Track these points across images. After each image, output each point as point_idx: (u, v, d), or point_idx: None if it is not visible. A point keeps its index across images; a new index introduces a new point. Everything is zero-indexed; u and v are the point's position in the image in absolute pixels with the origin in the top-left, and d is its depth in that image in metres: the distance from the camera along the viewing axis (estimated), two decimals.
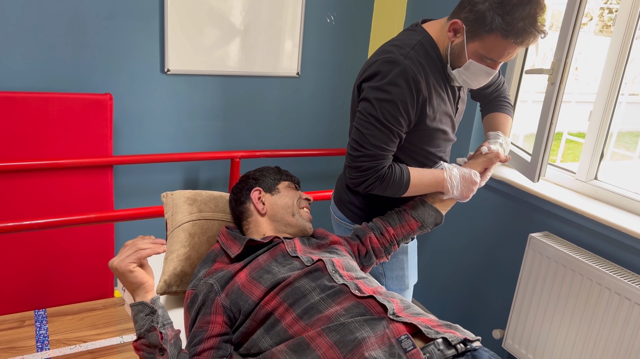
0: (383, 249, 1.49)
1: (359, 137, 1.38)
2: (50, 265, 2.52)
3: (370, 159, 1.38)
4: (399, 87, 1.32)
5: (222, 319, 1.23)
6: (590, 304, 1.82)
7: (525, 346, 2.08)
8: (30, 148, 2.34)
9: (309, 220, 1.48)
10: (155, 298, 1.17)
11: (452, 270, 2.62)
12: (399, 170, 1.42)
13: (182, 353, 1.18)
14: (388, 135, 1.36)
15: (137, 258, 1.15)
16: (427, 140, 1.47)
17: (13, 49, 2.28)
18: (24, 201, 2.38)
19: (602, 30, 6.47)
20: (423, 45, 1.38)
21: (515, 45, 1.28)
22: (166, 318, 1.17)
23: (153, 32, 2.51)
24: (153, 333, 1.12)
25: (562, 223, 2.02)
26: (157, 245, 1.18)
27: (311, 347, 1.09)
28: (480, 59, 1.34)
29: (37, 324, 2.46)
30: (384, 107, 1.34)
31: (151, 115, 2.63)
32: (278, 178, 1.53)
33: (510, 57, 1.33)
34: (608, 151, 2.86)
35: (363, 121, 1.37)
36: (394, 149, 1.41)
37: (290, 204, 1.46)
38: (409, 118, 1.37)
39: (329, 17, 2.90)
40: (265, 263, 1.30)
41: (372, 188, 1.41)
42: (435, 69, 1.40)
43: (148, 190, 2.75)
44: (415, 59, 1.35)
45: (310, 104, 3.02)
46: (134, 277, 1.15)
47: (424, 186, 1.46)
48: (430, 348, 1.05)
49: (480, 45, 1.31)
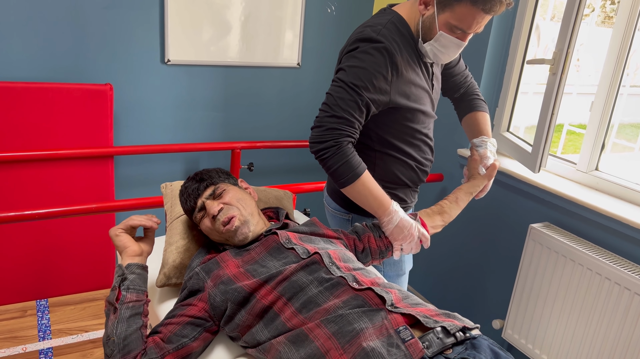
0: (379, 252, 1.49)
1: (329, 101, 1.40)
2: (51, 255, 2.52)
3: (336, 120, 1.38)
4: (372, 57, 1.37)
5: (203, 306, 1.24)
6: (590, 294, 1.83)
7: (525, 336, 2.09)
8: (30, 138, 2.34)
9: (236, 227, 1.34)
10: (133, 264, 1.25)
11: (452, 260, 2.63)
12: (359, 159, 1.41)
13: (137, 318, 1.18)
14: (356, 101, 1.37)
15: (126, 225, 1.29)
16: (410, 117, 1.50)
17: (13, 39, 2.27)
18: (25, 191, 2.39)
19: (604, 21, 6.44)
20: (394, 24, 1.43)
21: (483, 12, 1.32)
22: (136, 283, 1.22)
23: (153, 22, 2.50)
24: (114, 292, 1.20)
25: (563, 213, 2.02)
26: (148, 219, 1.30)
27: (310, 338, 1.09)
28: (451, 29, 1.38)
29: (39, 314, 2.47)
30: (356, 74, 1.37)
31: (151, 106, 2.63)
32: (185, 209, 1.44)
33: (479, 27, 1.38)
34: (609, 142, 2.85)
35: (334, 86, 1.40)
36: (361, 120, 1.40)
37: (209, 228, 1.38)
38: (380, 90, 1.39)
39: (330, 7, 2.89)
40: (260, 257, 1.30)
41: (327, 154, 1.38)
42: (407, 46, 1.44)
43: (148, 180, 2.75)
44: (389, 36, 1.39)
45: (311, 95, 3.01)
46: (118, 240, 1.27)
47: (369, 195, 1.43)
48: (429, 336, 1.06)
49: (451, 15, 1.35)
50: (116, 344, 1.14)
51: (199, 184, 1.40)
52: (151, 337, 1.19)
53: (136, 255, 1.27)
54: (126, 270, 1.23)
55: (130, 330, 1.16)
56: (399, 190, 1.59)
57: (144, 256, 1.29)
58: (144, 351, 1.16)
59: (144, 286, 1.24)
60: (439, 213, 1.60)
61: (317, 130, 1.40)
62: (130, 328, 1.16)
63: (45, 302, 2.56)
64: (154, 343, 1.17)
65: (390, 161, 1.54)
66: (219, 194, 1.38)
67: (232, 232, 1.34)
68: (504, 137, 2.34)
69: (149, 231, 1.33)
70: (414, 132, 1.53)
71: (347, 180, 1.40)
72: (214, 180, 1.42)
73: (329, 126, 1.38)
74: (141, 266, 1.26)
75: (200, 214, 1.39)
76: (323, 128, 1.39)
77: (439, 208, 1.61)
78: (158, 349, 1.16)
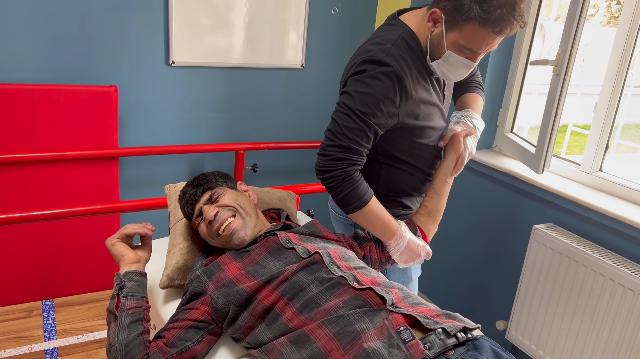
0: (379, 262, 1.49)
1: (334, 128, 1.34)
2: (57, 256, 2.54)
3: (342, 150, 1.33)
4: (380, 82, 1.30)
5: (206, 309, 1.25)
6: (594, 295, 1.82)
7: (528, 337, 2.09)
8: (36, 140, 2.36)
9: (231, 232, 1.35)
10: (130, 271, 1.25)
11: (456, 261, 2.62)
12: (366, 186, 1.38)
13: (138, 324, 1.19)
14: (363, 129, 1.32)
15: (121, 234, 1.30)
16: (418, 134, 1.44)
17: (18, 42, 2.29)
18: (31, 192, 2.40)
19: (609, 21, 6.41)
20: (404, 39, 1.35)
21: (493, 34, 1.24)
22: (135, 290, 1.22)
23: (157, 24, 2.51)
24: (113, 300, 1.21)
25: (566, 214, 2.02)
26: (142, 227, 1.31)
27: (311, 339, 1.09)
28: (459, 49, 1.30)
29: (44, 314, 2.48)
30: (363, 100, 1.30)
31: (156, 107, 2.64)
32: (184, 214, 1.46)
33: (490, 48, 1.30)
34: (613, 143, 2.85)
35: (340, 112, 1.34)
36: (368, 147, 1.37)
37: (206, 233, 1.40)
38: (389, 114, 1.33)
39: (334, 8, 2.90)
40: (260, 258, 1.30)
41: (333, 183, 1.36)
42: (418, 62, 1.37)
43: (153, 181, 2.76)
44: (398, 55, 1.32)
45: (315, 96, 3.01)
46: (115, 250, 1.29)
47: (375, 222, 1.41)
48: (431, 337, 1.06)
49: (459, 34, 1.27)
50: (119, 352, 1.15)
51: (196, 189, 1.41)
52: (154, 342, 1.20)
53: (133, 262, 1.28)
54: (124, 278, 1.23)
55: (131, 336, 1.16)
56: (404, 198, 1.56)
57: (141, 263, 1.30)
58: (147, 357, 1.16)
59: (143, 292, 1.25)
60: (428, 215, 1.53)
61: (322, 158, 1.36)
62: (132, 334, 1.17)
63: (50, 302, 2.57)
64: (157, 348, 1.18)
65: (395, 173, 1.51)
66: (215, 199, 1.39)
67: (227, 237, 1.35)
68: (507, 138, 2.34)
69: (145, 238, 1.34)
70: (422, 146, 1.48)
71: (354, 208, 1.38)
72: (211, 184, 1.42)
73: (335, 156, 1.34)
74: (139, 273, 1.26)
75: (199, 219, 1.40)
76: (329, 157, 1.34)
77: (426, 210, 1.53)
78: (161, 354, 1.17)
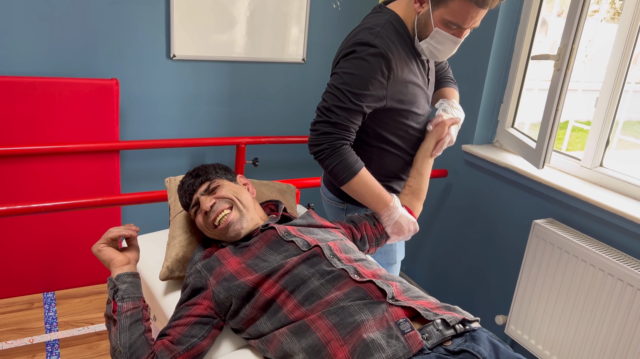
0: (374, 239, 1.52)
1: (323, 106, 1.43)
2: (58, 248, 2.55)
3: (330, 126, 1.42)
4: (368, 63, 1.38)
5: (208, 303, 1.24)
6: (594, 290, 1.83)
7: (528, 331, 2.09)
8: (37, 133, 2.36)
9: (227, 224, 1.35)
10: (122, 274, 1.24)
11: (455, 255, 2.63)
12: (356, 158, 1.46)
13: (138, 324, 1.18)
14: (351, 108, 1.41)
15: (106, 239, 1.28)
16: (405, 116, 1.53)
17: (20, 35, 2.30)
18: (32, 185, 2.41)
19: (613, 17, 6.38)
20: (392, 23, 1.45)
21: (477, 7, 1.33)
22: (129, 291, 1.21)
23: (159, 17, 2.51)
24: (109, 305, 1.20)
25: (566, 209, 2.02)
26: (126, 229, 1.30)
27: (311, 329, 1.10)
28: (446, 25, 1.39)
29: (46, 306, 2.50)
30: (351, 80, 1.39)
31: (157, 101, 2.65)
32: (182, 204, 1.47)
33: (475, 23, 1.38)
34: (614, 138, 2.84)
35: (329, 92, 1.43)
36: (356, 123, 1.45)
37: (202, 224, 1.40)
38: (376, 93, 1.42)
39: (335, 2, 2.89)
40: (260, 251, 1.31)
41: (322, 156, 1.45)
42: (404, 45, 1.46)
43: (154, 174, 2.77)
44: (386, 37, 1.41)
45: (316, 90, 3.01)
46: (102, 255, 1.27)
47: (366, 192, 1.49)
48: (429, 328, 1.07)
49: (445, 10, 1.36)
50: (123, 354, 1.14)
51: (195, 180, 1.42)
52: (160, 340, 1.19)
53: (124, 264, 1.27)
54: (117, 281, 1.22)
55: (134, 337, 1.16)
56: (393, 182, 1.64)
57: (132, 264, 1.29)
58: (153, 355, 1.15)
59: (138, 292, 1.24)
60: (412, 194, 1.61)
61: (313, 133, 1.46)
62: (134, 335, 1.16)
63: (52, 295, 2.59)
64: (163, 346, 1.17)
65: (385, 155, 1.59)
66: (213, 189, 1.39)
67: (223, 229, 1.35)
68: (508, 133, 2.34)
69: (130, 239, 1.33)
70: (408, 128, 1.57)
71: (344, 178, 1.46)
72: (210, 175, 1.43)
73: (323, 130, 1.43)
74: (131, 274, 1.25)
75: (194, 209, 1.40)
76: (318, 132, 1.44)
77: (410, 190, 1.61)
78: (168, 352, 1.16)
